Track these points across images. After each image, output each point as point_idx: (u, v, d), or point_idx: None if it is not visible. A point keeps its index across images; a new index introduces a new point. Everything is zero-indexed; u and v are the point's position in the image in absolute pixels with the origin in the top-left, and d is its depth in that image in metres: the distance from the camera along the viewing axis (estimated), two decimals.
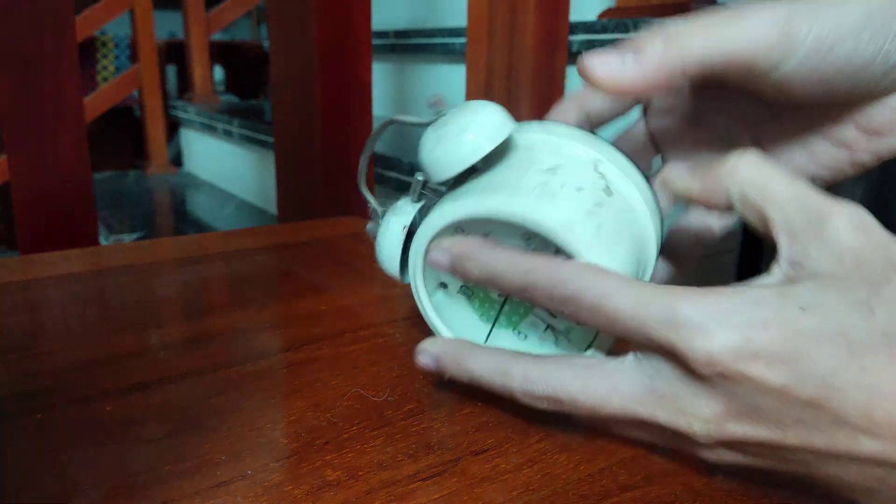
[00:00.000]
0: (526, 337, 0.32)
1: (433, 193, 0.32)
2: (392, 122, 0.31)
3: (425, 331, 0.32)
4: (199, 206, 2.12)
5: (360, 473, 0.27)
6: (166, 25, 3.00)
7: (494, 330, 0.33)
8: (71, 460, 0.27)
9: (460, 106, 0.29)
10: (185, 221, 1.97)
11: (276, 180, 0.88)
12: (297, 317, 0.43)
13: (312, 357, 0.37)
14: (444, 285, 0.33)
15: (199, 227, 1.88)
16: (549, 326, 0.31)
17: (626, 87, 0.27)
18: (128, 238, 1.77)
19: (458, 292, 0.33)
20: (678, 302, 0.23)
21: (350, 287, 0.48)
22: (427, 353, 0.30)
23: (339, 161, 0.78)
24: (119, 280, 0.49)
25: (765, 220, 0.25)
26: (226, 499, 0.25)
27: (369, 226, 0.34)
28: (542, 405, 0.26)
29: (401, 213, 0.32)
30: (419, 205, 0.32)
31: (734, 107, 0.32)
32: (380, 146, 1.25)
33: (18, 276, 0.49)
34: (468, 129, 0.28)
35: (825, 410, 0.21)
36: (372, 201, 0.34)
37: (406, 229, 0.32)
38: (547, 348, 0.32)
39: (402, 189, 1.19)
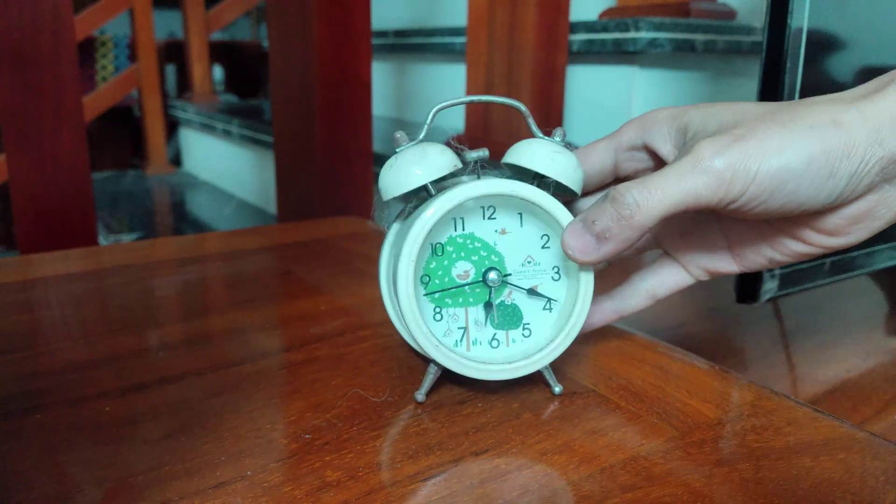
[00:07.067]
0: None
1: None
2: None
3: None
4: (199, 205, 2.12)
5: (360, 474, 0.27)
6: (166, 25, 3.00)
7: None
8: (70, 460, 0.27)
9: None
10: (184, 221, 1.97)
11: (276, 180, 0.88)
12: (297, 317, 0.42)
13: (312, 357, 0.37)
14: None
15: (199, 226, 1.87)
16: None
17: (608, 257, 0.30)
18: (127, 238, 1.76)
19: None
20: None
21: (350, 287, 0.48)
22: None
23: (338, 161, 0.78)
24: (118, 280, 0.49)
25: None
26: (225, 499, 0.25)
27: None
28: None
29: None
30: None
31: (710, 220, 0.35)
32: (378, 146, 1.25)
33: (18, 276, 0.49)
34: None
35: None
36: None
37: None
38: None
39: None
